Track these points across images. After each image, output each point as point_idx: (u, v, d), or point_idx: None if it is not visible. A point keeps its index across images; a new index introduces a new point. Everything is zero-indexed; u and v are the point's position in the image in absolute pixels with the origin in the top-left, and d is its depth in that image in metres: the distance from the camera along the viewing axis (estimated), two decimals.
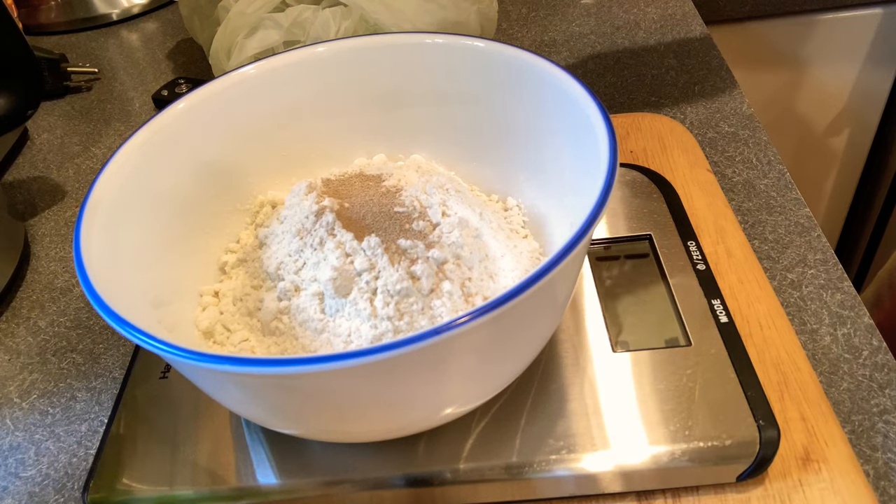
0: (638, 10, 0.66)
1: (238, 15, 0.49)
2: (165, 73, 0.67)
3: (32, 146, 0.60)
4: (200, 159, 0.35)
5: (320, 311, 0.30)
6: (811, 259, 0.40)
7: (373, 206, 0.32)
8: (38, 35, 0.77)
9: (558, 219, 0.34)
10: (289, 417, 0.27)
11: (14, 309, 0.45)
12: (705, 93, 0.54)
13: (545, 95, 0.33)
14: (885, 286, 0.60)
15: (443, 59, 0.36)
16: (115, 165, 0.31)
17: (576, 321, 0.34)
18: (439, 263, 0.29)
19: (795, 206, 0.44)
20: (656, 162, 0.45)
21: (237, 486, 0.30)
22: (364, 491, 0.30)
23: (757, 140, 0.49)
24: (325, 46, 0.37)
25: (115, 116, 0.62)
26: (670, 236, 0.37)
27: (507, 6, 0.69)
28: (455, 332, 0.21)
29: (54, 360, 0.41)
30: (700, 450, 0.28)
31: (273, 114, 0.37)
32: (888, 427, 0.32)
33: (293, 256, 0.32)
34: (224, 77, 0.36)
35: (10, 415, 0.38)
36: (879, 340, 0.36)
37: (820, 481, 0.29)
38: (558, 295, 0.27)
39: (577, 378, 0.31)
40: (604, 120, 0.29)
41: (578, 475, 0.29)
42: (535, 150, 0.35)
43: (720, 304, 0.33)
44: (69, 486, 0.34)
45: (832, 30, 0.81)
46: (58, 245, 0.49)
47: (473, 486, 0.29)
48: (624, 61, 0.59)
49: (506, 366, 0.28)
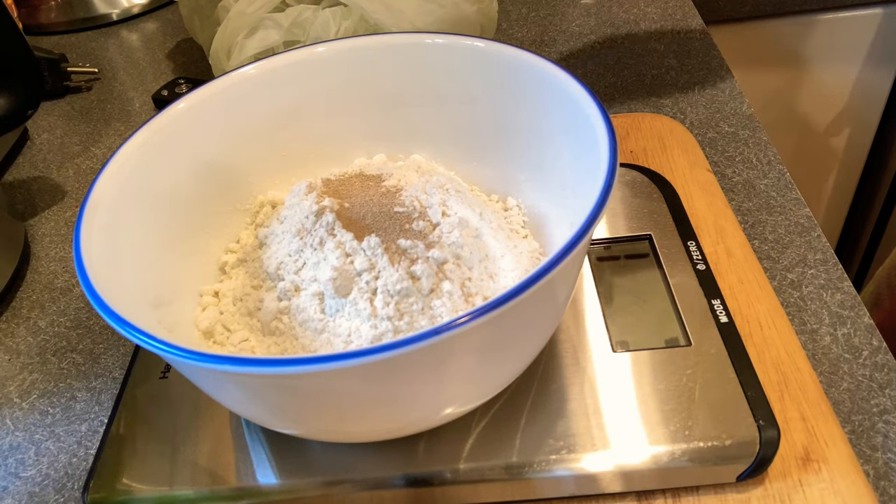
0: (638, 10, 0.66)
1: (238, 15, 0.49)
2: (165, 73, 0.67)
3: (32, 146, 0.60)
4: (200, 159, 0.35)
5: (320, 311, 0.30)
6: (811, 259, 0.40)
7: (373, 206, 0.32)
8: (38, 35, 0.77)
9: (558, 219, 0.34)
10: (289, 417, 0.27)
11: (14, 309, 0.45)
12: (705, 93, 0.54)
13: (545, 95, 0.33)
14: (885, 286, 0.59)
15: (443, 59, 0.36)
16: (115, 165, 0.31)
17: (576, 321, 0.34)
18: (439, 263, 0.29)
19: (795, 206, 0.44)
20: (656, 162, 0.45)
21: (237, 486, 0.30)
22: (364, 491, 0.30)
23: (757, 140, 0.49)
24: (325, 46, 0.37)
25: (115, 116, 0.62)
26: (670, 236, 0.37)
27: (507, 6, 0.69)
28: (455, 332, 0.21)
29: (54, 360, 0.41)
30: (700, 450, 0.28)
31: (273, 114, 0.37)
32: (888, 427, 0.32)
33: (293, 256, 0.32)
34: (224, 77, 0.36)
35: (10, 415, 0.38)
36: (879, 340, 0.36)
37: (820, 481, 0.29)
38: (558, 295, 0.27)
39: (577, 378, 0.31)
40: (604, 120, 0.29)
41: (578, 475, 0.29)
42: (536, 150, 0.35)
43: (720, 304, 0.33)
44: (69, 486, 0.34)
45: (832, 30, 0.81)
46: (58, 245, 0.49)
47: (473, 486, 0.29)
48: (624, 61, 0.59)
49: (506, 366, 0.28)
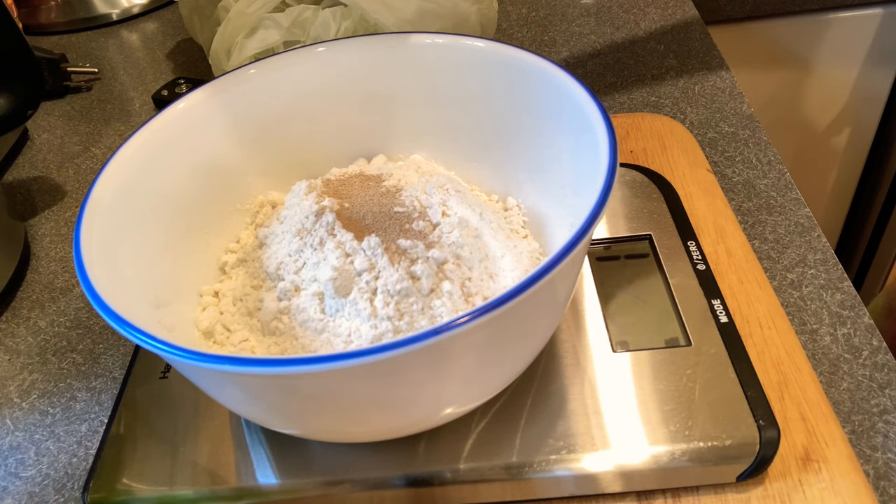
0: (638, 10, 0.66)
1: (238, 15, 0.49)
2: (165, 73, 0.67)
3: (32, 146, 0.60)
4: (200, 159, 0.35)
5: (320, 311, 0.30)
6: (811, 259, 0.40)
7: (373, 206, 0.32)
8: (38, 35, 0.77)
9: (558, 219, 0.34)
10: (289, 417, 0.27)
11: (14, 309, 0.45)
12: (705, 93, 0.54)
13: (545, 95, 0.33)
14: None
15: (443, 59, 0.36)
16: (115, 165, 0.31)
17: (576, 321, 0.34)
18: (439, 263, 0.29)
19: (795, 206, 0.44)
20: (656, 162, 0.45)
21: (237, 486, 0.30)
22: (364, 491, 0.30)
23: (757, 140, 0.49)
24: (325, 46, 0.37)
25: (115, 116, 0.62)
26: (670, 236, 0.37)
27: (507, 6, 0.69)
28: (455, 332, 0.21)
29: (54, 360, 0.41)
30: (700, 450, 0.28)
31: (273, 114, 0.37)
32: (888, 427, 0.32)
33: (293, 256, 0.32)
34: (224, 77, 0.36)
35: (10, 415, 0.38)
36: (879, 340, 0.36)
37: (820, 481, 0.29)
38: (558, 295, 0.27)
39: (577, 378, 0.31)
40: (604, 120, 0.29)
41: (578, 475, 0.29)
42: (536, 150, 0.35)
43: (720, 304, 0.33)
44: (69, 486, 0.34)
45: (832, 30, 0.81)
46: (58, 245, 0.49)
47: (473, 486, 0.29)
48: (624, 61, 0.59)
49: (506, 366, 0.28)
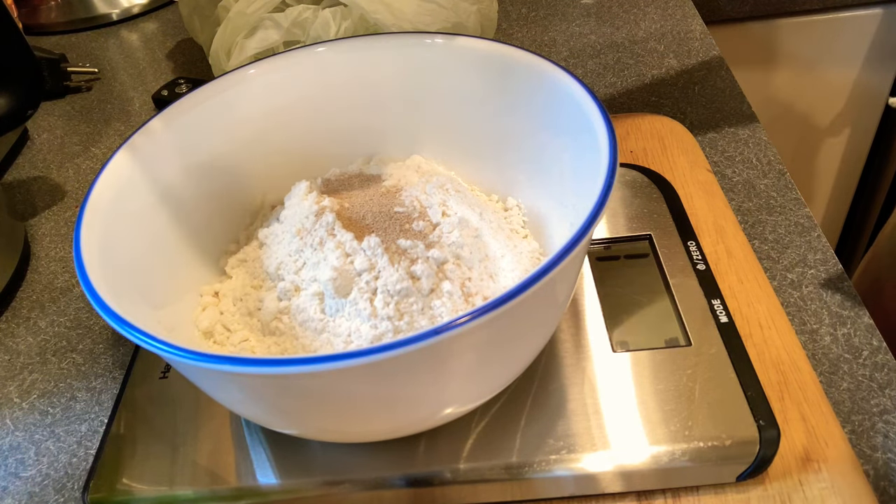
0: (638, 10, 0.66)
1: (238, 15, 0.49)
2: (165, 73, 0.67)
3: (32, 146, 0.60)
4: (200, 159, 0.35)
5: (320, 311, 0.30)
6: (811, 259, 0.40)
7: (373, 206, 0.32)
8: (38, 35, 0.77)
9: (558, 219, 0.34)
10: (289, 417, 0.27)
11: (14, 309, 0.45)
12: (705, 93, 0.54)
13: (545, 95, 0.33)
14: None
15: (443, 59, 0.36)
16: (115, 165, 0.31)
17: (576, 321, 0.34)
18: (439, 263, 0.29)
19: (795, 206, 0.44)
20: (656, 162, 0.45)
21: (237, 486, 0.30)
22: (364, 491, 0.30)
23: (757, 140, 0.49)
24: (325, 46, 0.37)
25: (115, 116, 0.62)
26: (670, 236, 0.37)
27: (507, 6, 0.69)
28: (455, 332, 0.21)
29: (54, 360, 0.41)
30: (700, 450, 0.28)
31: (273, 114, 0.37)
32: (888, 427, 0.32)
33: (293, 256, 0.32)
34: (224, 77, 0.36)
35: (10, 415, 0.38)
36: (879, 340, 0.36)
37: (820, 481, 0.29)
38: (558, 295, 0.27)
39: (577, 378, 0.31)
40: (604, 120, 0.29)
41: (578, 475, 0.29)
42: (536, 150, 0.35)
43: (720, 304, 0.33)
44: (69, 486, 0.34)
45: (832, 30, 0.81)
46: (58, 245, 0.49)
47: (473, 486, 0.29)
48: (624, 61, 0.59)
49: (506, 366, 0.28)
